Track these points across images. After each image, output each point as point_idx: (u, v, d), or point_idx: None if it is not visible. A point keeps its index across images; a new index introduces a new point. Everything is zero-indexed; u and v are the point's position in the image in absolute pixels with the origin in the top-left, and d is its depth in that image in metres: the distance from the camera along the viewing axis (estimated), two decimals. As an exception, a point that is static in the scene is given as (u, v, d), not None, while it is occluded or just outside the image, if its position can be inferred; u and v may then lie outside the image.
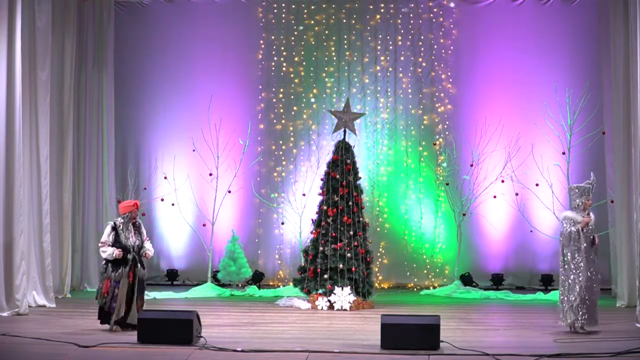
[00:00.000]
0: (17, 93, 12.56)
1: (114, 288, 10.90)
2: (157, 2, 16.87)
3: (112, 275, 10.90)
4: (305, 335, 10.88)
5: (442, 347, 9.66)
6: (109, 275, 10.93)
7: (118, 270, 10.92)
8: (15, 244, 12.51)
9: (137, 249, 11.05)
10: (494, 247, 16.49)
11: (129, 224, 11.08)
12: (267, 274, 16.50)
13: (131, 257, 10.98)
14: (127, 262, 10.96)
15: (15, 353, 9.48)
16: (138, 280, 11.02)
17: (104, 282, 10.98)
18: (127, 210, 11.12)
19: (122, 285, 10.90)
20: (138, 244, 11.07)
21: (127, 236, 11.01)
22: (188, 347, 9.69)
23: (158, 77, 16.81)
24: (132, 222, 11.12)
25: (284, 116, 16.82)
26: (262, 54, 16.85)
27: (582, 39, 16.27)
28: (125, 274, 10.93)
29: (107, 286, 10.93)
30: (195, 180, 16.25)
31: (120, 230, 11.02)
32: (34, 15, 13.31)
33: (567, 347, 9.77)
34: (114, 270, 10.92)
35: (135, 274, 10.99)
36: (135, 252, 11.02)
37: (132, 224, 11.10)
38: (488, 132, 15.76)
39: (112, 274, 10.92)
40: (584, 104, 15.21)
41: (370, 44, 16.76)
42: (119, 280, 10.90)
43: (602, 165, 15.67)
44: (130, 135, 16.90)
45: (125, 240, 10.99)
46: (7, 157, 12.51)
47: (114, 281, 10.91)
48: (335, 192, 13.74)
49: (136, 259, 11.02)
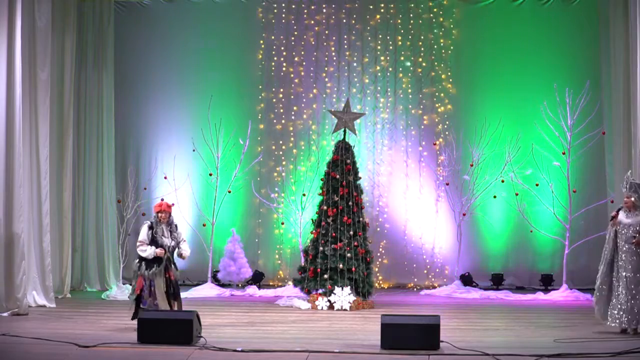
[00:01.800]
0: (17, 93, 12.57)
1: (150, 286, 10.98)
2: (157, 2, 16.88)
3: (145, 273, 11.00)
4: (305, 335, 10.88)
5: (442, 347, 9.67)
6: (142, 273, 11.03)
7: (152, 269, 11.00)
8: (15, 244, 12.52)
9: (171, 249, 11.14)
10: (494, 247, 16.49)
11: (160, 225, 11.15)
12: (267, 274, 16.50)
13: (165, 257, 11.05)
14: (162, 261, 11.03)
15: (15, 353, 9.49)
16: (174, 281, 11.11)
17: (137, 280, 11.07)
18: (155, 211, 11.31)
19: (159, 284, 10.97)
20: (173, 244, 11.16)
21: (162, 236, 11.10)
22: (188, 347, 9.69)
23: (158, 77, 16.81)
24: (166, 222, 11.18)
25: (284, 116, 16.82)
26: (262, 54, 16.85)
27: (582, 39, 16.27)
28: (160, 273, 10.99)
29: (140, 284, 11.02)
30: (195, 180, 16.26)
31: (155, 231, 11.13)
32: (34, 15, 13.31)
33: (567, 347, 9.78)
34: (148, 268, 11.01)
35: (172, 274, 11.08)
36: (169, 252, 11.10)
37: (166, 224, 11.17)
38: (488, 132, 15.76)
39: (145, 271, 11.01)
40: (584, 104, 15.22)
41: (370, 44, 16.76)
42: (153, 278, 10.97)
43: (602, 165, 15.68)
44: (130, 135, 16.89)
45: (160, 239, 11.07)
46: (7, 157, 12.52)
47: (148, 279, 10.99)
48: (335, 192, 13.74)
49: (170, 259, 11.10)
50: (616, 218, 11.09)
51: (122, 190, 15.82)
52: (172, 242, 11.16)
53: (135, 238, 16.39)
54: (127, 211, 15.35)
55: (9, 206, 12.52)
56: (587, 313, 13.08)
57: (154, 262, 11.02)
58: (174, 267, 11.17)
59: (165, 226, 11.19)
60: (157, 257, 11.02)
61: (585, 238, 15.56)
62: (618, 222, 11.04)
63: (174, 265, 11.19)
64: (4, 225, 12.46)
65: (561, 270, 15.45)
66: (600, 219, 15.62)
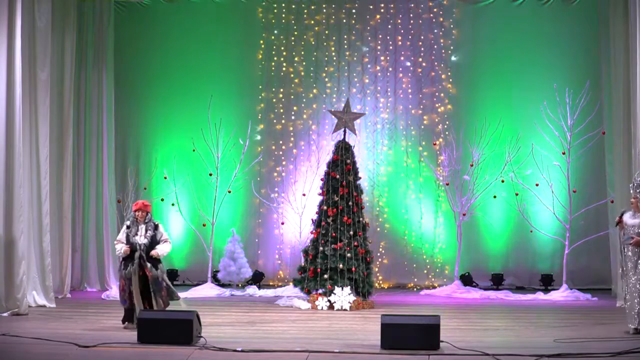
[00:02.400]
0: (17, 93, 12.56)
1: (129, 285, 11.05)
2: (157, 2, 16.87)
3: (123, 273, 11.12)
4: (305, 335, 10.88)
5: (442, 347, 9.67)
6: (121, 274, 11.17)
7: (127, 269, 11.09)
8: (15, 244, 12.51)
9: (143, 247, 11.11)
10: (494, 247, 16.49)
11: (137, 224, 11.23)
12: (267, 274, 16.50)
13: (137, 255, 11.08)
14: (134, 260, 11.07)
15: (15, 353, 9.49)
16: (153, 280, 11.08)
17: (120, 281, 11.26)
18: (132, 210, 11.45)
19: (135, 283, 11.01)
20: (145, 243, 11.13)
21: (135, 235, 11.15)
22: (188, 347, 9.69)
23: (158, 77, 16.81)
24: (143, 221, 11.22)
25: (284, 116, 16.82)
26: (262, 54, 16.85)
27: (582, 39, 16.27)
28: (134, 272, 11.02)
29: (122, 284, 11.15)
30: (195, 180, 16.26)
31: (129, 230, 11.21)
32: (34, 15, 13.31)
33: (567, 347, 9.77)
34: (124, 268, 11.13)
35: (150, 272, 11.06)
36: (142, 251, 11.09)
37: (143, 223, 11.21)
38: (488, 132, 15.76)
39: (123, 271, 11.14)
40: (584, 104, 15.22)
41: (370, 44, 16.76)
42: (130, 277, 11.04)
43: (602, 165, 15.68)
44: (130, 135, 16.90)
45: (132, 238, 11.14)
46: (7, 157, 12.51)
47: (126, 279, 11.07)
48: (335, 192, 13.74)
49: (144, 257, 11.08)
50: (621, 222, 11.05)
51: (122, 190, 15.83)
52: (145, 240, 11.13)
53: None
54: (127, 211, 15.34)
55: (9, 206, 12.51)
56: (587, 313, 13.10)
57: (128, 261, 11.11)
58: (150, 265, 11.09)
59: (142, 225, 11.22)
60: (130, 257, 11.11)
61: (585, 238, 15.56)
62: (624, 224, 11.00)
63: (150, 263, 11.11)
64: (4, 225, 12.46)
65: (561, 270, 15.45)
66: (600, 219, 15.64)
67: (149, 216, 11.35)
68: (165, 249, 11.29)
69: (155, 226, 11.32)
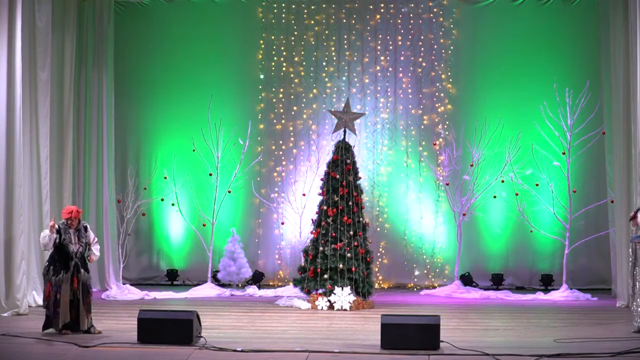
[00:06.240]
0: (17, 93, 12.57)
1: (56, 293, 10.67)
2: (157, 2, 16.87)
3: (52, 279, 10.70)
4: (305, 335, 10.88)
5: (442, 347, 9.67)
6: (50, 279, 10.73)
7: (58, 275, 10.70)
8: (15, 244, 12.52)
9: (79, 255, 10.83)
10: (494, 247, 16.48)
11: (67, 230, 10.83)
12: (267, 274, 16.49)
13: (73, 264, 10.77)
14: (69, 268, 10.75)
15: (15, 353, 9.49)
16: (82, 285, 10.80)
17: (46, 286, 10.78)
18: (63, 217, 10.91)
19: (65, 291, 10.68)
20: (81, 250, 10.84)
21: (70, 242, 10.79)
22: (188, 347, 9.69)
23: (158, 77, 16.80)
24: (75, 228, 10.83)
25: (284, 116, 16.82)
26: (262, 54, 16.85)
27: (582, 39, 16.26)
28: (67, 279, 10.71)
29: (48, 290, 10.72)
30: (195, 180, 16.26)
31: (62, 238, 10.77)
32: (34, 15, 13.31)
33: (567, 347, 9.77)
34: (55, 274, 10.72)
35: (79, 279, 10.77)
36: (77, 259, 10.81)
37: (74, 230, 10.83)
38: (488, 132, 15.76)
39: (52, 277, 10.72)
40: (583, 104, 15.22)
41: (370, 44, 16.76)
42: (60, 284, 10.68)
43: (602, 165, 15.67)
44: (130, 135, 16.89)
45: (67, 246, 10.76)
46: (7, 157, 12.52)
47: (55, 285, 10.68)
48: (335, 192, 13.74)
49: (78, 265, 10.81)
50: (635, 219, 11.04)
51: (122, 190, 15.82)
52: (79, 247, 10.81)
53: (136, 238, 16.59)
54: (127, 211, 15.35)
55: (9, 206, 12.51)
56: (587, 313, 13.10)
57: (61, 268, 10.72)
58: (83, 271, 10.80)
59: (74, 231, 10.84)
60: (64, 262, 10.72)
61: (585, 238, 15.56)
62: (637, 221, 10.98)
63: (84, 269, 10.83)
64: (4, 225, 12.46)
65: (561, 270, 15.45)
66: (600, 219, 15.65)
67: (81, 223, 10.96)
68: (98, 252, 11.05)
69: (85, 228, 10.96)
